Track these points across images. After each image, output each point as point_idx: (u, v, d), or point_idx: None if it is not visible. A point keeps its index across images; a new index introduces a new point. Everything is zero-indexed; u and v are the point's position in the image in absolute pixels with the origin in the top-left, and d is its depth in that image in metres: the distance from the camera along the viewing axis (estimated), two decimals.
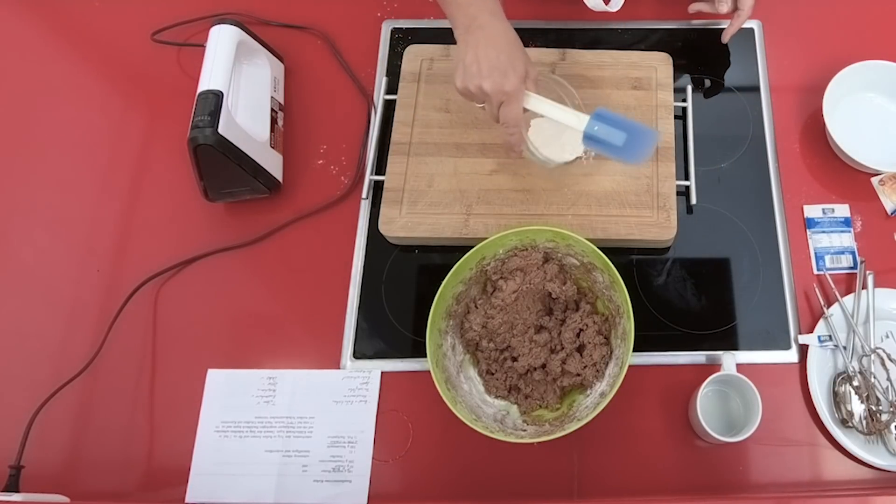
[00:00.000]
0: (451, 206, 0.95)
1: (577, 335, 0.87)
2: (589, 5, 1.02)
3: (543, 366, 0.87)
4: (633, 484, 0.85)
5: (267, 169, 0.94)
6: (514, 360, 0.87)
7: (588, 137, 0.86)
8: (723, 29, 1.07)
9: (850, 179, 1.00)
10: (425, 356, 0.81)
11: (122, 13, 1.12)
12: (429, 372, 0.81)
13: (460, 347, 0.88)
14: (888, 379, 0.87)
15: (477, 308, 0.88)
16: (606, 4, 1.02)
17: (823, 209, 0.98)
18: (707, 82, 1.07)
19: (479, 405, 0.85)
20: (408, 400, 0.88)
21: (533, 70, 0.85)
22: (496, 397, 0.87)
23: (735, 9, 1.02)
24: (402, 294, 0.94)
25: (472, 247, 0.86)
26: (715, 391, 0.88)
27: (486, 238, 0.86)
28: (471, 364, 0.89)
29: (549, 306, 0.91)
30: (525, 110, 0.85)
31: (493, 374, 0.88)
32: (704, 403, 0.85)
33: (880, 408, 0.85)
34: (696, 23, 1.11)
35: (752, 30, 1.10)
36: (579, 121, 0.85)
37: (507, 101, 0.82)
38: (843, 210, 0.98)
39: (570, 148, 0.91)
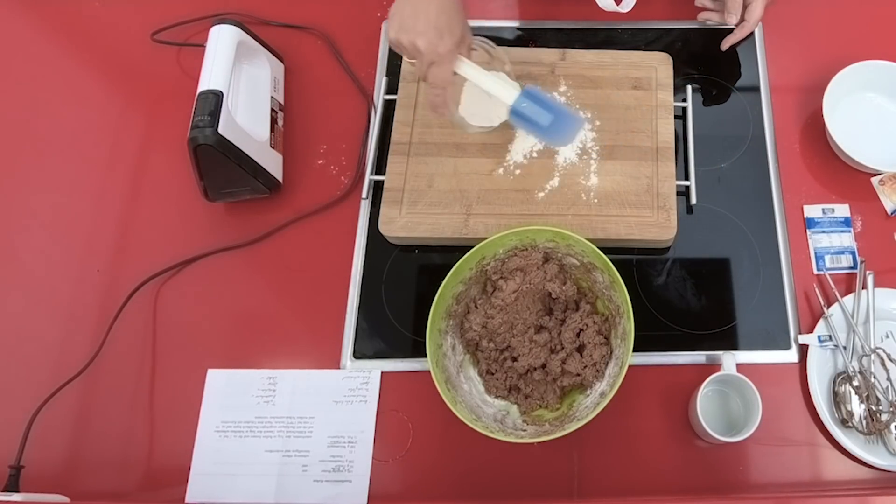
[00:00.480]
0: (451, 206, 0.95)
1: (577, 335, 0.87)
2: (600, 5, 1.02)
3: (543, 366, 0.87)
4: (633, 484, 0.85)
5: (267, 169, 0.94)
6: (514, 360, 0.87)
7: (514, 113, 0.87)
8: (723, 29, 1.07)
9: (850, 179, 1.00)
10: (425, 356, 0.81)
11: (122, 13, 1.12)
12: (429, 372, 0.81)
13: (460, 347, 0.88)
14: (888, 379, 0.87)
15: (477, 308, 0.88)
16: (618, 5, 1.02)
17: (823, 209, 0.98)
18: (707, 82, 1.07)
19: (479, 405, 0.85)
20: (408, 400, 0.88)
21: (469, 37, 0.86)
22: (496, 397, 0.87)
23: (742, 20, 1.04)
24: (402, 294, 0.94)
25: (472, 247, 0.86)
26: (715, 391, 0.88)
27: (486, 238, 0.86)
28: (471, 364, 0.89)
29: (549, 306, 0.91)
30: (455, 75, 0.85)
31: (493, 374, 0.88)
32: (704, 403, 0.85)
33: (880, 408, 0.85)
34: (697, 23, 1.11)
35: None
36: (508, 95, 0.86)
37: (438, 61, 0.81)
38: (843, 210, 0.98)
39: (490, 116, 0.93)
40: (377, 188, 0.98)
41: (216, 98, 0.88)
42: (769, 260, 0.96)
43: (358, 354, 0.91)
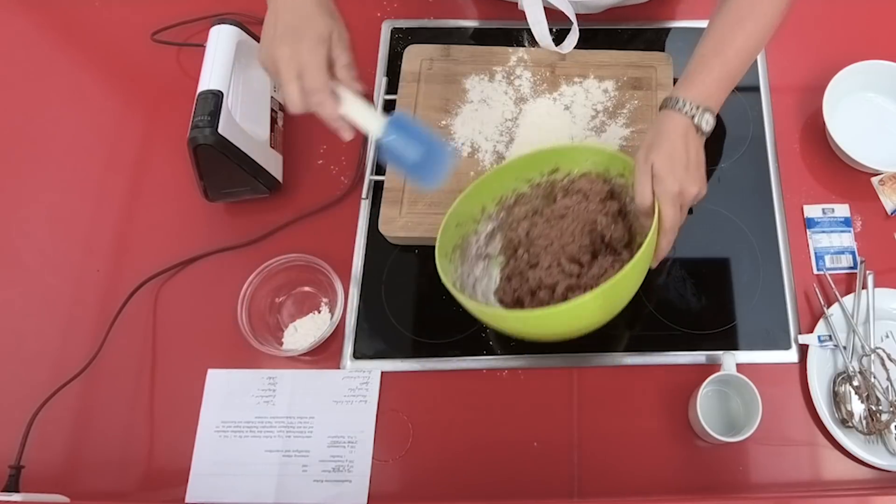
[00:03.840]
0: (452, 206, 0.94)
1: (599, 279, 0.82)
2: (541, 44, 1.00)
3: (553, 289, 0.82)
4: (633, 484, 0.85)
5: (267, 169, 0.94)
6: (532, 268, 0.83)
7: (383, 148, 0.72)
8: None
9: (850, 179, 1.00)
10: (425, 356, 0.81)
11: (122, 13, 1.12)
12: (429, 372, 0.80)
13: (498, 243, 0.87)
14: (888, 379, 0.87)
15: (531, 215, 0.86)
16: (557, 47, 1.01)
17: (823, 209, 0.98)
18: None
19: (477, 295, 0.83)
20: (408, 400, 0.88)
21: (344, 55, 0.73)
22: (499, 302, 0.85)
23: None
24: (402, 294, 0.94)
25: None
26: (715, 391, 0.88)
27: None
28: (498, 265, 0.88)
29: (597, 249, 0.85)
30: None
31: (510, 280, 0.85)
32: (704, 403, 0.85)
33: (880, 408, 0.85)
34: (696, 23, 1.11)
35: None
36: (377, 125, 0.71)
37: (304, 70, 0.69)
38: (843, 210, 0.98)
39: None
40: (377, 188, 0.98)
41: (216, 98, 0.88)
42: (769, 260, 0.96)
43: (358, 354, 0.91)
